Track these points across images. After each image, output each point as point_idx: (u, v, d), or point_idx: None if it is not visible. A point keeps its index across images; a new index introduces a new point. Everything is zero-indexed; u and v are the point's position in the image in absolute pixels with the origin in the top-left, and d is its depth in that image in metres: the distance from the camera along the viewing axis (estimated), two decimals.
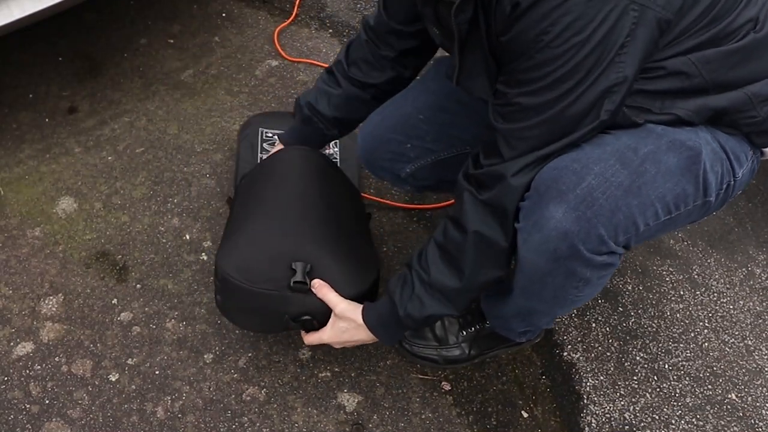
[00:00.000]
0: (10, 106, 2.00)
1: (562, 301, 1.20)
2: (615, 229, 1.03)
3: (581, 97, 0.98)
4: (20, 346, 1.50)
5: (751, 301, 1.63)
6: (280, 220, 1.34)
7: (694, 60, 1.02)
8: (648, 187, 1.03)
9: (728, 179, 1.12)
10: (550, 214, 1.02)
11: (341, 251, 1.32)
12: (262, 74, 2.11)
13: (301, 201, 1.38)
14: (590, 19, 0.92)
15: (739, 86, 1.06)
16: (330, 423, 1.40)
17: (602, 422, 1.43)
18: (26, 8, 1.61)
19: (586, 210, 1.01)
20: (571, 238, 1.03)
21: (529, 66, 0.98)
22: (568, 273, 1.09)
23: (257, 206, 1.37)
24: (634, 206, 1.03)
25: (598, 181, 1.02)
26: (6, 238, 1.69)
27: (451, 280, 1.15)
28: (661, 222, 1.07)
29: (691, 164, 1.06)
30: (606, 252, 1.06)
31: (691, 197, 1.08)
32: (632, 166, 1.03)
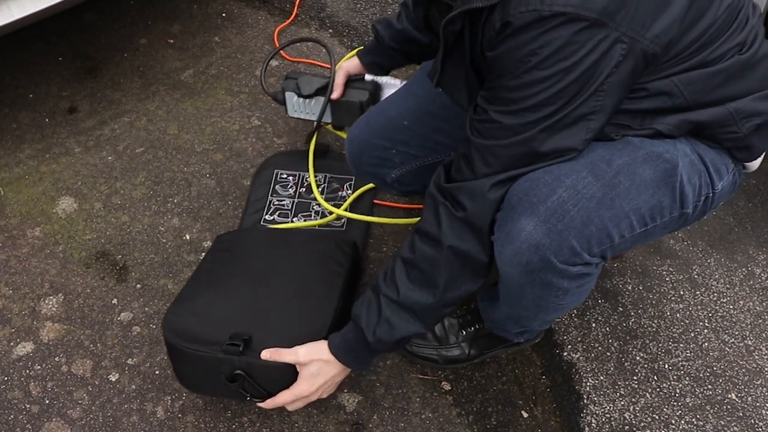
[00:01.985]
0: (10, 106, 2.00)
1: (545, 309, 1.20)
2: (588, 241, 1.03)
3: (560, 123, 0.98)
4: (20, 346, 1.50)
5: (751, 301, 1.63)
6: (232, 295, 1.34)
7: (677, 81, 1.02)
8: (622, 199, 1.03)
9: (707, 191, 1.12)
10: (521, 226, 1.02)
11: (284, 317, 1.31)
12: None
13: (254, 279, 1.38)
14: (580, 47, 0.91)
15: (722, 103, 1.06)
16: (330, 423, 1.40)
17: (602, 422, 1.43)
18: (26, 8, 1.61)
19: (557, 222, 1.01)
20: (543, 251, 1.03)
21: (514, 85, 0.97)
22: (544, 284, 1.09)
23: (217, 277, 1.40)
24: (607, 218, 1.03)
25: (569, 193, 1.02)
26: (6, 238, 1.70)
27: (423, 296, 1.12)
28: (636, 234, 1.07)
29: (668, 176, 1.06)
30: (580, 263, 1.06)
31: (668, 209, 1.08)
32: (605, 178, 1.03)
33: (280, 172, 1.80)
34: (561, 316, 1.27)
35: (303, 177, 1.79)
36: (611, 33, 0.91)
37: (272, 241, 1.51)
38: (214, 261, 1.45)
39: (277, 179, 1.79)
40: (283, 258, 1.45)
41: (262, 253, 1.46)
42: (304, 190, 1.76)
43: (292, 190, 1.76)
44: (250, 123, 1.97)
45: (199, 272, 1.43)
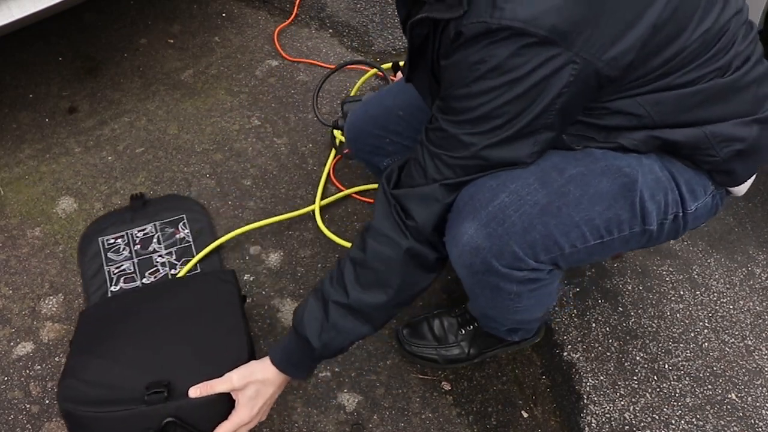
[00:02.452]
0: (10, 106, 2.00)
1: (505, 311, 1.21)
2: (531, 247, 1.03)
3: (508, 137, 0.98)
4: (20, 346, 1.50)
5: (751, 301, 1.63)
6: (128, 351, 1.26)
7: (642, 102, 1.01)
8: (570, 209, 1.03)
9: (675, 210, 1.10)
10: (464, 229, 1.04)
11: (197, 355, 1.25)
12: (262, 74, 2.11)
13: (146, 330, 1.31)
14: (526, 61, 0.91)
15: (698, 124, 1.04)
16: (330, 423, 1.40)
17: (602, 422, 1.43)
18: (26, 8, 1.61)
19: (497, 227, 1.02)
20: (483, 254, 1.04)
21: (462, 94, 0.97)
22: (491, 286, 1.10)
23: (103, 341, 1.29)
24: (552, 226, 1.03)
25: (511, 198, 1.02)
26: (6, 238, 1.70)
27: (375, 297, 1.10)
28: (591, 245, 1.07)
29: (626, 191, 1.05)
30: (526, 268, 1.06)
31: (627, 223, 1.07)
32: (553, 186, 1.03)
33: (105, 238, 1.66)
34: (532, 316, 1.26)
35: (132, 235, 1.66)
36: (563, 53, 0.90)
37: (145, 295, 1.43)
38: (90, 331, 1.33)
39: (106, 246, 1.64)
40: (167, 304, 1.36)
41: (142, 306, 1.37)
42: (140, 247, 1.64)
43: (126, 251, 1.63)
44: (250, 123, 1.97)
45: (78, 344, 1.30)
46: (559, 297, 1.62)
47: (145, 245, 1.65)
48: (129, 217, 1.70)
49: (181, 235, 1.66)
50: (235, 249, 1.68)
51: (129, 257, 1.63)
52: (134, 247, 1.64)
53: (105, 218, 1.72)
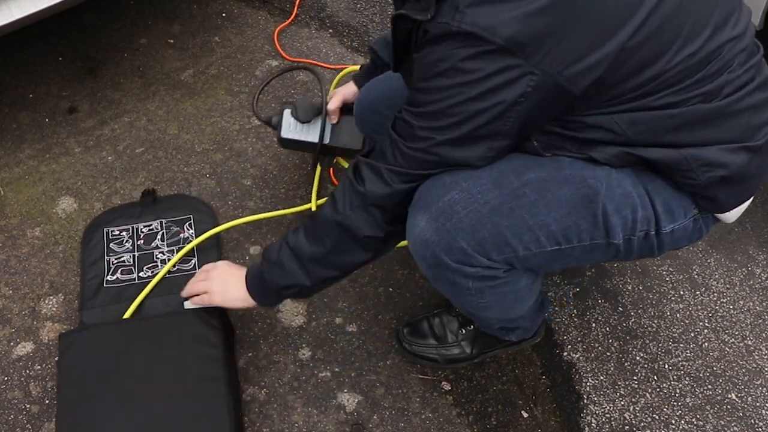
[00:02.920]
0: (10, 106, 2.00)
1: (473, 307, 1.22)
2: (481, 245, 1.05)
3: (461, 138, 1.00)
4: (20, 346, 1.50)
5: (751, 301, 1.63)
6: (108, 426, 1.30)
7: (618, 120, 1.01)
8: (523, 211, 1.04)
9: (646, 228, 1.09)
10: (416, 222, 1.07)
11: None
12: (262, 74, 2.11)
13: (127, 398, 1.33)
14: (482, 67, 0.93)
15: (677, 146, 1.04)
16: (330, 423, 1.40)
17: (602, 422, 1.43)
18: (26, 8, 1.61)
19: (446, 222, 1.04)
20: (432, 248, 1.07)
21: (422, 88, 1.00)
22: (448, 281, 1.13)
23: (85, 410, 1.32)
24: (503, 226, 1.04)
25: (462, 195, 1.04)
26: (6, 238, 1.70)
27: (311, 249, 1.19)
28: (549, 251, 1.07)
29: (588, 201, 1.05)
30: (478, 265, 1.07)
31: (587, 233, 1.07)
32: (508, 188, 1.05)
33: (110, 229, 1.67)
34: (507, 314, 1.27)
35: (137, 229, 1.67)
36: (521, 64, 0.91)
37: (128, 339, 1.41)
38: (71, 390, 1.35)
39: (110, 237, 1.65)
40: (149, 360, 1.37)
41: (123, 360, 1.37)
42: (143, 242, 1.64)
43: (129, 244, 1.63)
44: (250, 123, 1.97)
45: (62, 406, 1.33)
46: (559, 297, 1.62)
47: (148, 241, 1.65)
48: (137, 212, 1.71)
49: (185, 235, 1.66)
50: (236, 249, 1.68)
51: (130, 250, 1.63)
52: (137, 242, 1.65)
53: (114, 210, 1.73)
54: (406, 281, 1.63)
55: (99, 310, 1.52)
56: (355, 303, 1.59)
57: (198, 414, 1.31)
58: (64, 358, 1.39)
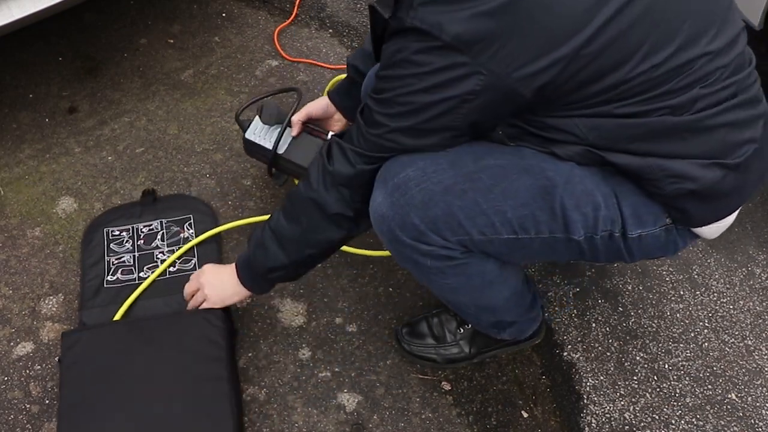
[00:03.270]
0: (10, 106, 2.00)
1: (441, 289, 1.24)
2: (433, 222, 1.07)
3: (416, 129, 1.04)
4: (20, 346, 1.50)
5: (751, 301, 1.63)
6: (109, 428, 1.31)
7: (579, 124, 1.02)
8: (477, 195, 1.06)
9: (609, 228, 1.09)
10: (374, 197, 1.12)
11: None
12: (262, 74, 2.11)
13: (129, 401, 1.33)
14: (431, 62, 0.97)
15: (642, 155, 1.04)
16: (330, 423, 1.40)
17: (602, 422, 1.43)
18: (26, 8, 1.61)
19: (400, 197, 1.07)
20: (388, 222, 1.10)
21: (382, 75, 1.05)
22: (410, 259, 1.15)
23: (86, 411, 1.33)
24: (455, 206, 1.06)
25: (416, 173, 1.07)
26: (6, 238, 1.70)
27: (289, 227, 1.23)
28: (504, 238, 1.09)
29: (545, 193, 1.06)
30: (433, 243, 1.09)
31: (545, 225, 1.08)
32: (464, 170, 1.07)
33: (110, 230, 1.67)
34: (480, 301, 1.26)
35: (137, 229, 1.67)
36: (467, 62, 0.94)
37: (130, 338, 1.41)
38: (72, 389, 1.35)
39: (110, 237, 1.65)
40: (151, 359, 1.38)
41: (125, 359, 1.38)
42: (143, 242, 1.64)
43: (129, 244, 1.64)
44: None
45: (63, 406, 1.33)
46: (559, 297, 1.62)
47: (148, 241, 1.65)
48: (138, 212, 1.71)
49: (185, 235, 1.66)
50: (235, 249, 1.68)
51: (130, 250, 1.63)
52: (137, 242, 1.65)
53: (114, 210, 1.73)
54: (406, 281, 1.63)
55: (99, 310, 1.52)
56: (355, 303, 1.59)
57: (200, 414, 1.32)
58: (66, 357, 1.39)
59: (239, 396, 1.40)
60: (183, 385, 1.35)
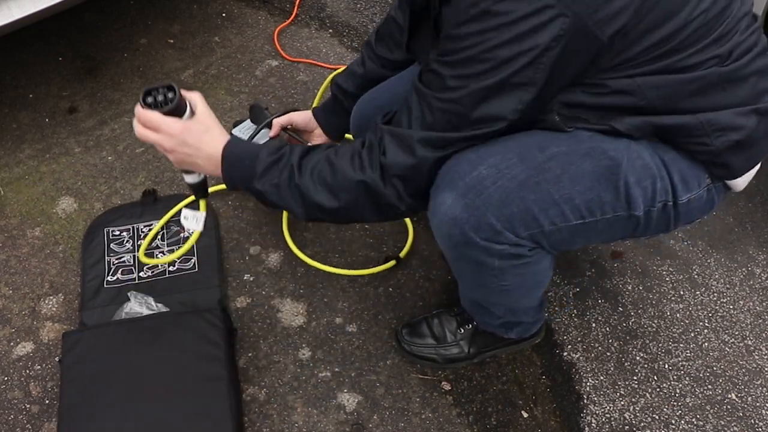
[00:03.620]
0: (10, 106, 2.01)
1: (491, 290, 1.21)
2: (509, 221, 1.04)
3: (492, 87, 0.97)
4: (20, 346, 1.50)
5: (751, 301, 1.63)
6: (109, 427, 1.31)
7: (641, 83, 1.01)
8: (549, 185, 1.04)
9: (665, 198, 1.10)
10: (442, 200, 1.06)
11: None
12: (262, 74, 2.11)
13: (128, 401, 1.33)
14: (515, 8, 0.91)
15: (693, 112, 1.05)
16: (330, 423, 1.40)
17: (602, 422, 1.43)
18: (26, 8, 1.61)
19: (475, 198, 1.03)
20: (461, 225, 1.05)
21: (455, 34, 0.97)
22: (474, 261, 1.11)
23: (87, 412, 1.33)
24: (530, 200, 1.04)
25: (489, 171, 1.03)
26: (6, 238, 1.70)
27: (320, 195, 1.09)
28: (573, 224, 1.07)
29: (609, 173, 1.05)
30: (506, 242, 1.07)
31: (610, 205, 1.07)
32: (533, 162, 1.04)
33: (111, 230, 1.67)
34: (521, 301, 1.28)
35: (137, 229, 1.68)
36: (554, 4, 0.91)
37: (130, 338, 1.41)
38: (72, 389, 1.35)
39: (110, 237, 1.65)
40: (151, 359, 1.38)
41: (125, 359, 1.38)
42: (143, 242, 1.64)
43: (129, 244, 1.64)
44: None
45: (64, 405, 1.33)
46: (559, 297, 1.62)
47: (149, 241, 1.66)
48: (138, 212, 1.71)
49: (186, 235, 1.67)
50: (235, 249, 1.68)
51: (131, 250, 1.64)
52: (138, 242, 1.65)
53: (115, 210, 1.74)
54: (406, 281, 1.63)
55: (99, 310, 1.52)
56: (355, 303, 1.59)
57: (199, 414, 1.32)
58: (66, 357, 1.39)
59: (239, 396, 1.40)
60: (183, 385, 1.35)
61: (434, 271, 1.65)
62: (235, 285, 1.61)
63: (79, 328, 1.49)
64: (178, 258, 1.59)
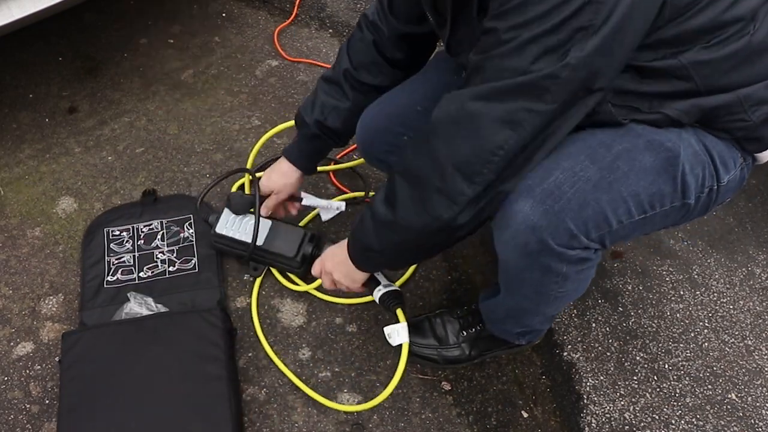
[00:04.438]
0: (10, 106, 2.01)
1: (545, 298, 1.20)
2: (585, 224, 1.04)
3: (549, 29, 0.90)
4: (20, 346, 1.50)
5: (751, 301, 1.63)
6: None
7: (686, 62, 1.01)
8: (619, 184, 1.04)
9: (711, 183, 1.11)
10: (518, 208, 1.03)
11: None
12: (262, 74, 2.11)
13: (128, 400, 1.34)
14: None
15: (732, 89, 1.05)
16: (330, 423, 1.40)
17: (602, 422, 1.43)
18: (26, 8, 1.61)
19: (554, 204, 1.02)
20: (540, 232, 1.03)
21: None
22: (543, 268, 1.10)
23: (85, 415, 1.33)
24: (604, 201, 1.03)
25: (566, 175, 1.02)
26: (6, 238, 1.70)
27: (384, 209, 1.11)
28: (635, 220, 1.07)
29: (668, 165, 1.06)
30: (578, 247, 1.06)
31: (668, 197, 1.08)
32: (603, 162, 1.04)
33: (111, 230, 1.67)
34: (560, 309, 1.29)
35: (137, 229, 1.67)
36: None
37: (130, 338, 1.41)
38: (72, 389, 1.35)
39: (110, 237, 1.66)
40: (151, 359, 1.38)
41: (125, 359, 1.38)
42: (143, 242, 1.65)
43: (129, 244, 1.64)
44: (250, 123, 1.97)
45: (63, 406, 1.33)
46: None
47: (148, 240, 1.66)
48: (138, 212, 1.71)
49: (185, 235, 1.67)
50: None
51: (131, 250, 1.64)
52: (138, 242, 1.65)
53: (115, 210, 1.74)
54: (406, 281, 1.63)
55: (99, 310, 1.52)
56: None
57: (199, 414, 1.32)
58: (66, 357, 1.39)
59: (239, 396, 1.40)
60: (183, 385, 1.35)
61: (434, 271, 1.65)
62: (235, 285, 1.61)
63: (79, 328, 1.49)
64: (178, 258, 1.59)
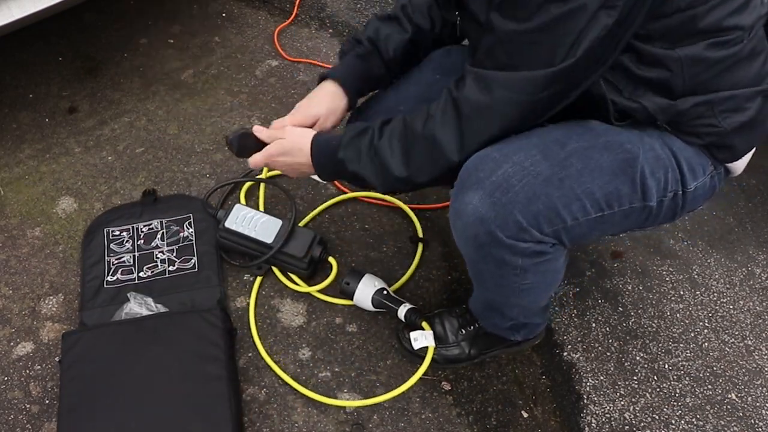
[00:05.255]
0: (10, 106, 2.01)
1: (510, 290, 1.21)
2: (535, 218, 1.05)
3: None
4: (20, 346, 1.50)
5: (751, 301, 1.63)
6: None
7: (682, 55, 1.02)
8: (572, 180, 1.05)
9: (675, 188, 1.12)
10: (468, 200, 1.05)
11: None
12: (262, 74, 2.11)
13: (128, 401, 1.33)
14: None
15: (710, 92, 1.05)
16: (330, 423, 1.40)
17: (602, 422, 1.43)
18: (26, 8, 1.61)
19: (501, 196, 1.03)
20: (488, 224, 1.05)
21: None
22: (496, 261, 1.11)
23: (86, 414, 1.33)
24: (555, 197, 1.04)
25: (515, 169, 1.04)
26: (6, 238, 1.70)
27: (395, 163, 1.12)
28: (592, 218, 1.08)
29: (627, 166, 1.07)
30: (530, 240, 1.07)
31: (627, 198, 1.09)
32: (556, 158, 1.05)
33: (111, 230, 1.67)
34: (540, 301, 1.29)
35: (137, 228, 1.67)
36: None
37: (130, 338, 1.41)
38: (72, 389, 1.35)
39: (110, 237, 1.65)
40: (151, 359, 1.38)
41: (125, 359, 1.38)
42: (143, 242, 1.64)
43: (129, 244, 1.64)
44: (250, 123, 1.97)
45: (63, 406, 1.33)
46: (559, 297, 1.62)
47: (148, 240, 1.65)
48: (138, 212, 1.71)
49: (185, 234, 1.67)
50: None
51: (130, 250, 1.63)
52: (137, 242, 1.65)
53: (114, 210, 1.73)
54: (406, 281, 1.63)
55: (99, 310, 1.52)
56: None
57: (199, 414, 1.32)
58: (66, 357, 1.39)
59: (239, 396, 1.41)
60: (182, 385, 1.35)
61: (434, 271, 1.65)
62: (235, 285, 1.61)
63: (79, 328, 1.49)
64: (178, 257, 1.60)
